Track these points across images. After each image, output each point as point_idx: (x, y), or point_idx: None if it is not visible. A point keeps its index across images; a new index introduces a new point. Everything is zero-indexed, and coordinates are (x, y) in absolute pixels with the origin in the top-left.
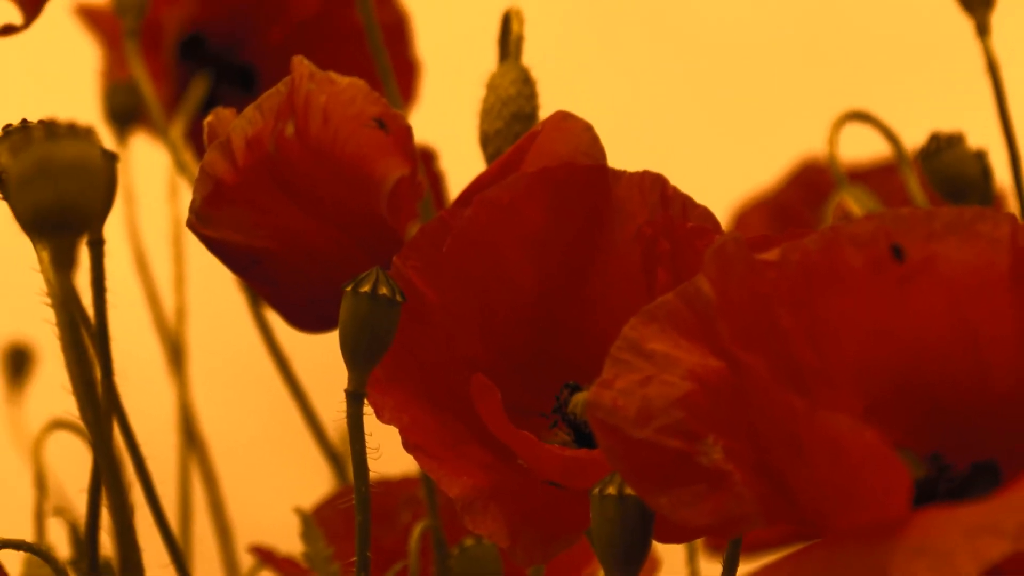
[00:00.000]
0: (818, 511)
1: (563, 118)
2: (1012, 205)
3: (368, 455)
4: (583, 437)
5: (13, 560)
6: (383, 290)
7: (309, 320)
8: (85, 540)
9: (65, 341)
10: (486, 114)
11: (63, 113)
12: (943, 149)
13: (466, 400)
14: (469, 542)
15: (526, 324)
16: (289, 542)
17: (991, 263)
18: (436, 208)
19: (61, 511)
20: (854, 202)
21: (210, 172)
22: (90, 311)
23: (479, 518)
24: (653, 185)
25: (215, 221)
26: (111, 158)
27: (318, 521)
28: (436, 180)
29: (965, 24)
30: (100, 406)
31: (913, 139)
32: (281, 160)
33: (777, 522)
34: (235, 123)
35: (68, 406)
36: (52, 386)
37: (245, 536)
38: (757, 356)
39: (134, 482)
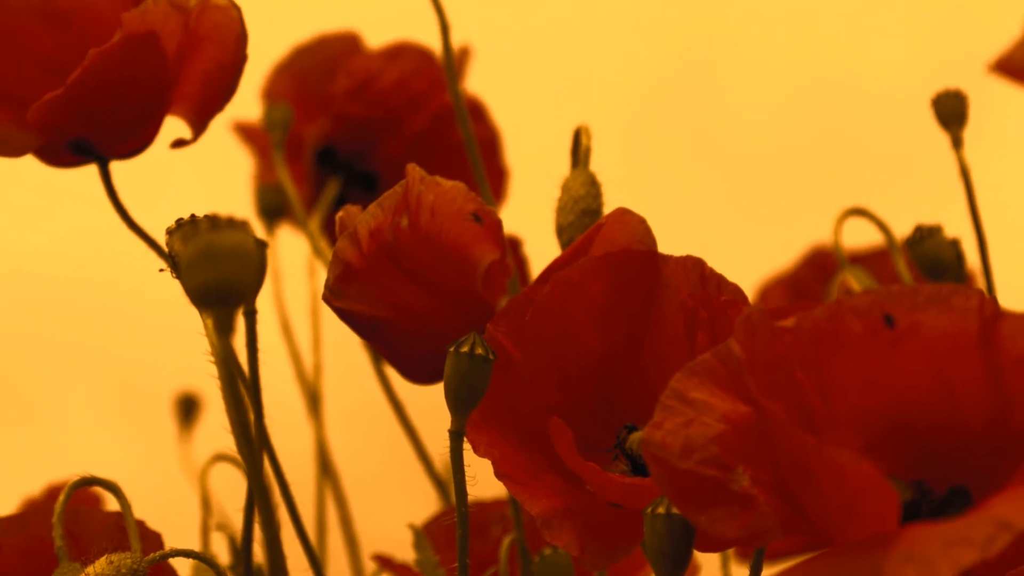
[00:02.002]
0: (826, 526)
1: (623, 213)
2: (980, 283)
3: (466, 482)
4: (638, 468)
5: (184, 566)
6: (479, 350)
7: (419, 374)
8: (241, 550)
9: (225, 391)
10: (561, 210)
11: (223, 209)
12: (925, 238)
13: (545, 438)
14: (547, 551)
15: (593, 378)
16: (404, 551)
17: (963, 329)
18: (521, 285)
19: (222, 527)
20: (854, 280)
21: (341, 256)
22: (245, 367)
23: (555, 532)
24: (694, 266)
25: (345, 295)
26: (262, 245)
27: (427, 535)
28: (521, 263)
29: (943, 138)
30: (253, 443)
31: (902, 229)
32: (397, 247)
33: (793, 535)
34: (361, 217)
35: (228, 443)
36: (215, 427)
37: (369, 546)
38: (777, 403)
39: (280, 503)
